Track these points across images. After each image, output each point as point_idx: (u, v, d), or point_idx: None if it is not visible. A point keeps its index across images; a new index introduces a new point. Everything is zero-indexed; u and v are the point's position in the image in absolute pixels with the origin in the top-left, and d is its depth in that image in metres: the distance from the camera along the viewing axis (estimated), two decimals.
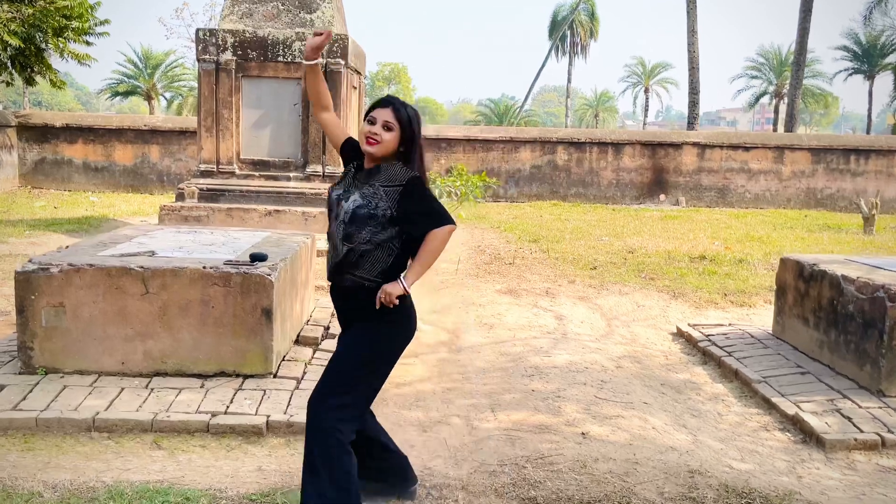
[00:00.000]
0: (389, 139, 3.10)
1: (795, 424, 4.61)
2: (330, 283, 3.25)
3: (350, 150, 3.34)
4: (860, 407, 4.70)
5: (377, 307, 3.05)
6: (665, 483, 3.58)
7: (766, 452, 4.26)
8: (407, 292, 3.07)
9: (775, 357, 5.70)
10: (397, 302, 3.04)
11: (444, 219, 3.09)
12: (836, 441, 4.30)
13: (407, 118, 3.13)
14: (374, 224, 3.06)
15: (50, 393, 4.42)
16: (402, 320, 3.17)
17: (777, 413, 4.81)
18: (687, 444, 4.23)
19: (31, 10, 14.98)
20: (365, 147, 3.12)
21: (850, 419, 4.55)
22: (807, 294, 5.72)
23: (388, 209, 3.06)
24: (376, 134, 3.09)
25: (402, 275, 3.08)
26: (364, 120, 3.17)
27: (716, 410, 4.94)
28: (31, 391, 4.43)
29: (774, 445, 4.38)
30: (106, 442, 4.02)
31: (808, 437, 4.44)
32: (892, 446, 4.29)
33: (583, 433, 4.28)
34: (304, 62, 3.30)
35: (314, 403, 3.10)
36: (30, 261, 4.75)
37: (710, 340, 6.22)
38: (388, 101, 3.16)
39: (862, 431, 4.39)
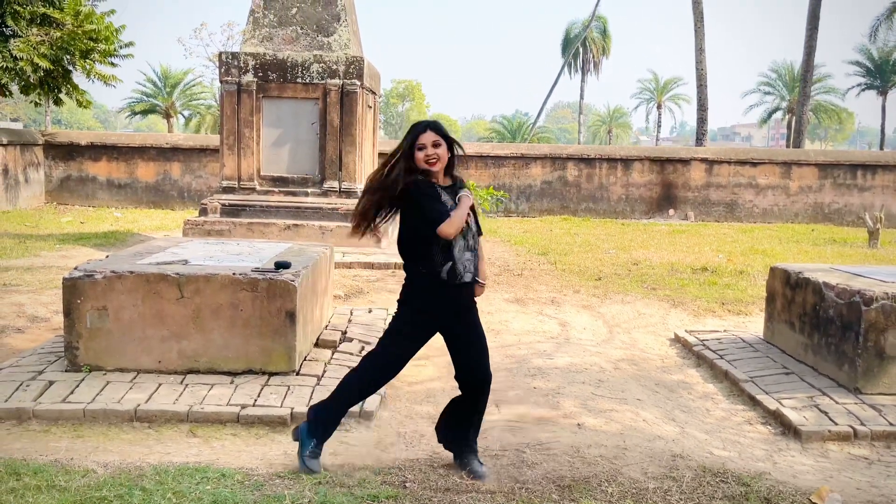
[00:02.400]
0: (443, 153, 3.78)
1: (776, 419, 4.99)
2: (451, 290, 3.94)
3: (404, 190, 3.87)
4: (837, 403, 5.08)
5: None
6: (649, 465, 3.97)
7: (747, 443, 4.65)
8: None
9: (763, 359, 6.08)
10: None
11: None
12: (812, 432, 4.68)
13: (444, 132, 3.79)
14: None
15: (95, 388, 4.88)
16: None
17: (760, 409, 5.19)
18: (674, 434, 4.63)
19: (59, 34, 15.61)
20: (431, 170, 3.77)
21: (826, 413, 4.93)
22: (793, 300, 6.11)
23: None
24: (432, 154, 3.75)
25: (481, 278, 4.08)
26: (415, 150, 3.75)
27: (704, 407, 5.32)
28: (77, 386, 4.89)
29: (755, 437, 4.76)
30: (147, 430, 4.47)
31: (787, 429, 4.83)
32: (863, 438, 4.66)
33: (578, 424, 4.69)
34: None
35: (489, 374, 4.03)
36: (76, 268, 5.22)
37: (704, 345, 6.60)
38: (425, 126, 3.81)
39: (836, 424, 4.78)
